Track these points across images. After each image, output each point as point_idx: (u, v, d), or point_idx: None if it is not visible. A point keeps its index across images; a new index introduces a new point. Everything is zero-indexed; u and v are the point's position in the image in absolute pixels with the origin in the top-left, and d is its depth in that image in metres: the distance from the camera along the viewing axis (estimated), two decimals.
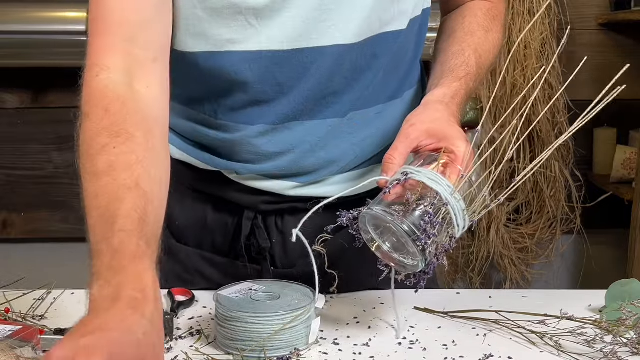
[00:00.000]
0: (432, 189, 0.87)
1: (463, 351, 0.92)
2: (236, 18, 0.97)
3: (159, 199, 0.84)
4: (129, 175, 0.81)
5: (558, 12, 2.57)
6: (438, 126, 0.94)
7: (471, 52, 1.07)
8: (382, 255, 0.91)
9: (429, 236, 0.85)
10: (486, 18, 1.13)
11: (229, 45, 0.99)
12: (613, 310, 0.95)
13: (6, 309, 1.02)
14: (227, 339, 0.91)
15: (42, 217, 2.67)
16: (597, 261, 2.78)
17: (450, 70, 1.04)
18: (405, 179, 0.87)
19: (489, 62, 1.11)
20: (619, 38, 2.68)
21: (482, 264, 2.65)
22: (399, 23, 1.04)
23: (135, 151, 0.83)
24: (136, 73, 0.90)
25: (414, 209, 0.86)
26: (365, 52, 1.02)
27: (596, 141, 2.72)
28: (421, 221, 0.85)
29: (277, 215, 1.11)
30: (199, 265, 1.14)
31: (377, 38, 1.02)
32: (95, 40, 0.92)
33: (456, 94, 1.01)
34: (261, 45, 0.99)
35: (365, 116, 1.07)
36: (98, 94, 0.89)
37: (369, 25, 1.01)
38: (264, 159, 1.07)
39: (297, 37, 0.99)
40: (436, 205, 0.86)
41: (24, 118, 2.61)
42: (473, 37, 1.09)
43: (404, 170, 0.88)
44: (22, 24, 2.41)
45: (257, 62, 1.00)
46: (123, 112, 0.86)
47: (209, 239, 1.14)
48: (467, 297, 1.10)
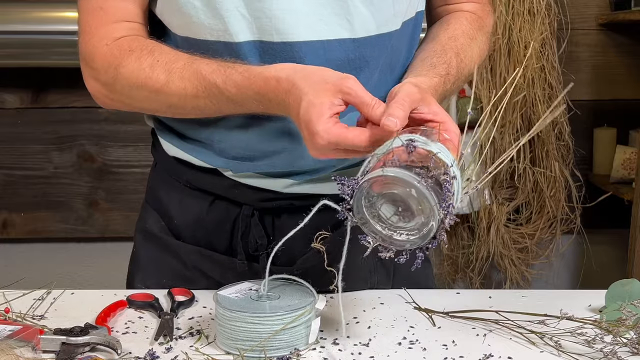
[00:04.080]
0: (440, 161, 0.84)
1: (463, 351, 0.92)
2: (227, 8, 0.98)
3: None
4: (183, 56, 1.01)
5: (558, 12, 2.57)
6: (432, 100, 0.92)
7: (453, 55, 1.05)
8: (368, 231, 0.87)
9: (448, 205, 0.82)
10: (471, 27, 1.12)
11: (225, 35, 1.00)
12: (613, 310, 0.95)
13: (6, 309, 1.02)
14: (227, 339, 0.91)
15: (42, 217, 2.67)
16: (597, 261, 2.78)
17: (432, 65, 1.03)
18: (414, 147, 0.83)
19: (469, 68, 1.08)
20: (619, 38, 2.68)
21: (482, 264, 2.65)
22: (393, 24, 1.04)
23: (168, 49, 1.02)
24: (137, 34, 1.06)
25: (431, 174, 0.82)
26: (361, 51, 1.02)
27: (596, 141, 2.72)
28: (445, 191, 0.82)
29: (275, 213, 1.11)
30: (198, 263, 1.14)
31: (371, 39, 1.02)
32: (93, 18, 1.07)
33: (436, 88, 0.99)
34: (254, 35, 1.00)
35: None
36: (116, 49, 1.04)
37: (362, 24, 1.01)
38: (259, 156, 1.07)
39: (287, 29, 0.99)
40: (448, 175, 0.83)
41: (24, 118, 2.61)
42: (456, 42, 1.08)
43: (410, 138, 0.84)
44: (22, 24, 2.41)
45: (252, 52, 1.00)
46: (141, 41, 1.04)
47: (207, 237, 1.14)
48: (467, 297, 1.10)
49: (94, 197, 2.67)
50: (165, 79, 1.00)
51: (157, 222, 1.17)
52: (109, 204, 2.67)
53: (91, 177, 2.66)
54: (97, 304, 1.04)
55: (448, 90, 1.04)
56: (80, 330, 0.91)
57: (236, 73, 0.95)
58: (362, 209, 0.85)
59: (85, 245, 2.69)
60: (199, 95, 0.98)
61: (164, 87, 1.00)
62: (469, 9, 1.16)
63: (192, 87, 0.98)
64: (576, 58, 2.67)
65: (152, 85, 1.00)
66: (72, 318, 1.00)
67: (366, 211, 0.85)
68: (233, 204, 1.12)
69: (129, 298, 1.07)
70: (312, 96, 0.88)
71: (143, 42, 1.04)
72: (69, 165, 2.65)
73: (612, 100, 2.68)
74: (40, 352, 0.89)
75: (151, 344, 0.94)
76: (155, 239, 1.17)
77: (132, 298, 1.07)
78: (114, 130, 2.57)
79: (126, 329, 0.99)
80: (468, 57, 1.08)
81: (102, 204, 2.67)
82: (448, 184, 0.83)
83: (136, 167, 2.62)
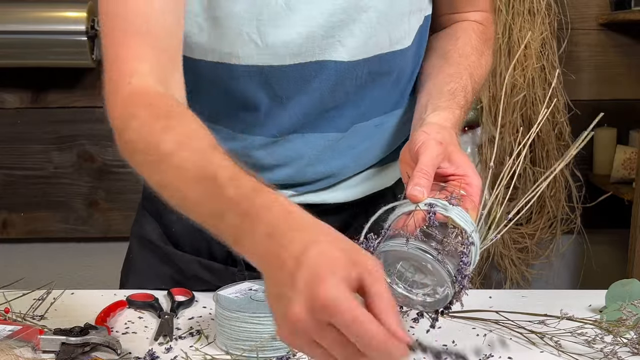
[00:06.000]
0: (459, 228, 0.82)
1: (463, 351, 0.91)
2: (240, 32, 0.95)
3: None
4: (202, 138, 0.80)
5: (558, 12, 2.57)
6: (455, 151, 0.89)
7: (467, 77, 1.03)
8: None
9: (463, 277, 0.81)
10: (479, 41, 1.10)
11: (229, 58, 0.97)
12: (613, 310, 0.95)
13: (6, 309, 1.02)
14: (227, 339, 0.91)
15: (42, 217, 2.67)
16: (597, 261, 2.78)
17: (451, 94, 0.99)
18: (434, 212, 0.81)
19: (479, 87, 1.07)
20: (619, 38, 2.67)
21: (482, 264, 2.65)
22: (407, 40, 1.02)
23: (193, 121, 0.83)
24: (166, 78, 0.89)
25: (448, 248, 0.81)
26: (371, 68, 1.00)
27: (596, 141, 2.71)
28: (460, 262, 0.81)
29: None
30: (198, 272, 1.14)
31: (385, 56, 1.00)
32: (122, 50, 0.88)
33: (456, 122, 0.97)
34: (263, 61, 0.97)
35: (366, 128, 1.06)
36: (136, 96, 0.86)
37: (376, 43, 0.99)
38: (261, 170, 1.05)
39: (299, 54, 0.97)
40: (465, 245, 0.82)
41: (23, 118, 2.61)
42: (468, 60, 1.06)
43: (429, 202, 0.82)
44: (22, 24, 2.41)
45: (257, 76, 0.98)
46: (165, 101, 0.86)
47: (206, 246, 1.14)
48: (467, 297, 1.09)
49: (94, 197, 2.67)
50: (172, 150, 0.79)
51: (155, 229, 1.16)
52: (109, 204, 2.67)
53: (91, 177, 2.66)
54: (97, 304, 1.04)
55: (463, 119, 1.01)
56: (80, 330, 0.91)
57: (247, 180, 0.74)
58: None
59: (85, 245, 2.69)
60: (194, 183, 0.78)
61: (168, 158, 0.80)
62: (476, 19, 1.13)
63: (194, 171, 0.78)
64: (576, 58, 2.67)
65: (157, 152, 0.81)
66: (72, 318, 1.00)
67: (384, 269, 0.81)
68: None
69: (129, 298, 1.07)
70: (330, 247, 0.66)
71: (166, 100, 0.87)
72: (69, 165, 2.65)
73: (612, 100, 2.68)
74: (40, 352, 0.89)
75: (151, 344, 0.94)
76: (153, 246, 1.16)
77: (132, 298, 1.07)
78: None
79: (126, 329, 0.99)
80: (479, 75, 1.06)
81: (102, 204, 2.67)
82: (465, 257, 0.81)
83: None
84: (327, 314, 0.61)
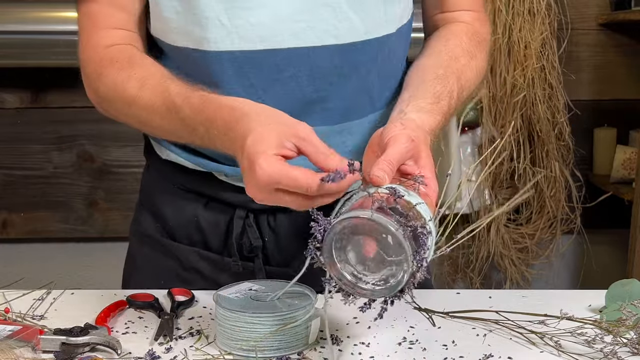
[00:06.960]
0: (419, 214, 0.82)
1: (463, 351, 0.92)
2: (207, 16, 0.98)
3: None
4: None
5: (558, 12, 2.57)
6: (424, 153, 0.90)
7: (455, 81, 1.03)
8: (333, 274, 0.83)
9: (422, 259, 0.80)
10: (471, 43, 1.10)
11: (202, 42, 1.00)
12: (613, 310, 0.95)
13: (6, 309, 1.02)
14: (227, 339, 0.91)
15: (41, 217, 2.67)
16: (597, 261, 2.78)
17: (436, 97, 0.99)
18: (398, 196, 0.81)
19: (467, 92, 1.07)
20: (619, 38, 2.68)
21: (482, 264, 2.65)
22: (384, 29, 1.03)
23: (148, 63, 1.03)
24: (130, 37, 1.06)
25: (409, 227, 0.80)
26: (349, 57, 1.01)
27: (596, 141, 2.72)
28: (420, 244, 0.80)
29: (269, 214, 1.11)
30: (196, 263, 1.14)
31: (359, 44, 1.01)
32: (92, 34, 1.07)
33: (436, 128, 0.97)
34: (234, 45, 0.99)
35: (359, 126, 1.06)
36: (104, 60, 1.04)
37: (349, 29, 0.99)
38: None
39: (269, 37, 0.98)
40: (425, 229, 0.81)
41: (23, 118, 2.61)
42: (457, 64, 1.06)
43: (390, 186, 0.83)
44: (22, 24, 2.41)
45: (229, 63, 1.00)
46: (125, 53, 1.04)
47: (202, 239, 1.14)
48: (467, 297, 1.10)
49: (93, 197, 2.67)
50: (136, 93, 0.98)
51: (152, 223, 1.17)
52: (109, 204, 2.67)
53: (91, 177, 2.66)
54: (97, 304, 1.04)
55: (444, 125, 1.01)
56: (80, 330, 0.91)
57: (196, 96, 0.93)
58: (332, 251, 0.82)
59: (85, 245, 2.69)
60: (162, 113, 0.97)
61: (135, 100, 0.98)
62: (467, 20, 1.13)
63: (159, 104, 0.96)
64: (576, 58, 2.67)
65: (125, 97, 1.00)
66: (72, 318, 1.00)
67: (335, 253, 0.82)
68: (227, 206, 1.11)
69: (129, 298, 1.07)
70: (262, 130, 0.84)
71: (128, 53, 1.03)
72: (69, 165, 2.65)
73: (612, 100, 2.68)
74: (40, 352, 0.89)
75: (151, 344, 0.94)
76: (151, 240, 1.17)
77: (132, 298, 1.07)
78: (114, 130, 2.57)
79: (126, 329, 0.99)
80: (467, 79, 1.06)
81: (101, 204, 2.67)
82: (425, 238, 0.80)
83: (136, 167, 2.62)
84: (270, 186, 0.81)
